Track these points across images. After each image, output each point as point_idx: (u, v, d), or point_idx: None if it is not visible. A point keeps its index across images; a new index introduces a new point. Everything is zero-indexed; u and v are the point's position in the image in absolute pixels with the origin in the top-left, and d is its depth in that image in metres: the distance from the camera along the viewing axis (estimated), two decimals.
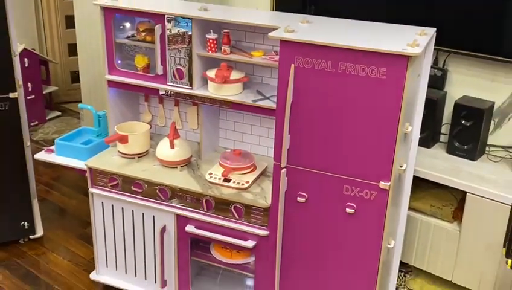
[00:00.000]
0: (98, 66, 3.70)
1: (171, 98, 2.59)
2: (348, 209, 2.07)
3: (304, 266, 2.23)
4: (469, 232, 2.56)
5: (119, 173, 2.46)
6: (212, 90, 2.37)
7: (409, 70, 1.84)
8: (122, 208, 2.51)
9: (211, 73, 2.35)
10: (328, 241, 2.16)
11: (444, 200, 2.72)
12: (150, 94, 2.64)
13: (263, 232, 2.27)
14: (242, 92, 2.37)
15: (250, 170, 2.40)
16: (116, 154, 2.58)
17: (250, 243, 2.29)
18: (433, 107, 2.74)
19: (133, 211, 2.49)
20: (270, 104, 2.27)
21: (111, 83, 2.55)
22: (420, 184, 2.70)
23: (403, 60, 1.82)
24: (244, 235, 2.30)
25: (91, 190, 2.54)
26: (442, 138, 2.88)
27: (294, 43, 1.94)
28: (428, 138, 2.80)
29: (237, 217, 2.29)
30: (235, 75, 2.35)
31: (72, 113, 4.81)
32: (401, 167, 2.11)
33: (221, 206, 2.31)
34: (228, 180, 2.33)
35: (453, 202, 2.70)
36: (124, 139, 2.50)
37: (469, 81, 2.77)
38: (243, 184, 2.32)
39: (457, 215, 2.65)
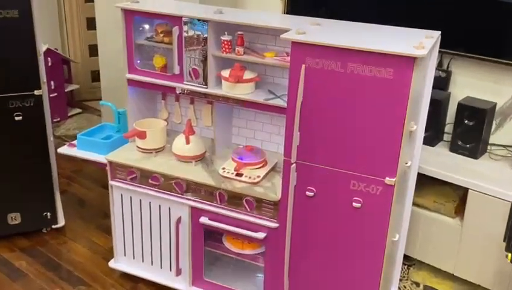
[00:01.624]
0: (118, 66, 3.69)
1: (186, 97, 2.60)
2: (354, 204, 2.06)
3: (312, 257, 2.24)
4: (470, 227, 2.56)
5: (137, 167, 2.47)
6: (226, 89, 2.37)
7: (415, 71, 1.83)
8: (140, 200, 2.53)
9: (225, 73, 2.36)
10: (335, 234, 2.16)
11: (447, 196, 2.71)
12: (167, 92, 2.65)
13: (273, 224, 2.27)
14: (254, 91, 2.37)
15: (261, 165, 2.40)
16: (134, 149, 2.59)
17: (260, 235, 2.30)
18: (437, 107, 2.73)
19: (150, 202, 2.51)
20: (281, 102, 2.27)
21: (131, 82, 2.56)
22: (424, 181, 2.69)
23: (409, 62, 1.82)
24: (255, 227, 2.31)
25: (111, 182, 2.56)
26: (446, 137, 2.87)
27: (305, 44, 1.94)
28: (432, 137, 2.80)
29: (248, 209, 2.30)
30: (248, 75, 2.35)
31: (92, 111, 4.83)
32: (406, 163, 2.10)
33: (234, 199, 2.32)
34: (240, 175, 2.34)
35: (455, 198, 2.69)
36: (142, 135, 2.52)
37: (472, 83, 2.76)
38: (254, 178, 2.32)
39: (459, 211, 2.65)
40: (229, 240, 2.51)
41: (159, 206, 2.49)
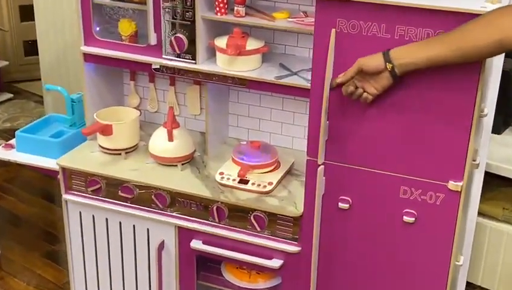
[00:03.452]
0: (63, 34, 3.67)
1: (165, 76, 2.55)
2: (406, 218, 2.03)
3: None
4: None
5: (101, 174, 2.42)
6: (223, 65, 2.32)
7: None
8: (107, 219, 2.48)
9: (221, 42, 2.30)
10: (379, 259, 2.13)
11: None
12: (140, 70, 2.60)
13: (293, 248, 2.24)
14: (261, 66, 2.33)
15: (273, 167, 2.37)
16: (97, 150, 2.54)
17: (276, 263, 2.26)
18: (505, 81, 2.68)
19: (120, 222, 2.46)
20: (300, 81, 2.23)
21: (88, 57, 2.50)
22: (488, 181, 2.67)
23: None
24: (267, 253, 2.27)
25: (65, 196, 2.51)
26: None
27: (335, 0, 1.88)
28: (497, 121, 2.76)
29: (258, 228, 2.26)
30: (252, 44, 2.30)
31: (28, 95, 4.81)
32: (474, 161, 2.06)
33: (237, 215, 2.28)
34: (245, 182, 2.30)
35: None
36: (107, 130, 2.46)
37: None
38: (265, 186, 2.28)
39: None
40: (230, 270, 2.47)
41: (133, 227, 2.45)
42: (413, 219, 2.03)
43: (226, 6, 2.29)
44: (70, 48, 3.54)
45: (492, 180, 2.68)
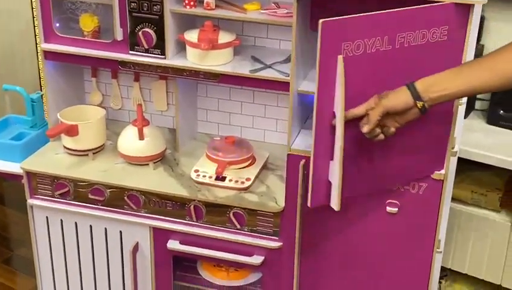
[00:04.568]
0: (8, 26, 3.52)
1: (130, 71, 2.48)
2: (389, 208, 2.05)
3: (331, 285, 2.22)
4: None
5: (69, 177, 2.35)
6: (194, 59, 2.27)
7: (471, 24, 1.81)
8: (76, 223, 2.41)
9: (191, 36, 2.25)
10: (362, 251, 2.14)
11: (488, 184, 2.74)
12: (106, 67, 2.53)
13: (274, 243, 2.23)
14: (233, 60, 2.30)
15: (249, 162, 2.34)
16: (62, 151, 2.46)
17: (256, 259, 2.24)
18: None
19: (91, 226, 2.40)
20: (275, 74, 2.20)
21: (49, 55, 2.40)
22: (456, 165, 2.70)
23: (464, 12, 1.78)
24: (248, 249, 2.25)
25: (31, 201, 2.42)
26: (479, 105, 2.89)
27: (341, 23, 1.70)
28: None
29: (238, 226, 2.24)
30: (224, 37, 2.25)
31: None
32: (452, 148, 2.10)
33: (216, 213, 2.25)
34: (223, 179, 2.27)
35: (499, 186, 2.72)
36: (72, 131, 2.38)
37: None
38: (243, 182, 2.26)
39: (506, 202, 2.68)
40: (207, 269, 2.45)
41: (105, 229, 2.39)
42: (397, 209, 2.05)
43: None
44: (18, 40, 3.41)
45: (460, 164, 2.71)
